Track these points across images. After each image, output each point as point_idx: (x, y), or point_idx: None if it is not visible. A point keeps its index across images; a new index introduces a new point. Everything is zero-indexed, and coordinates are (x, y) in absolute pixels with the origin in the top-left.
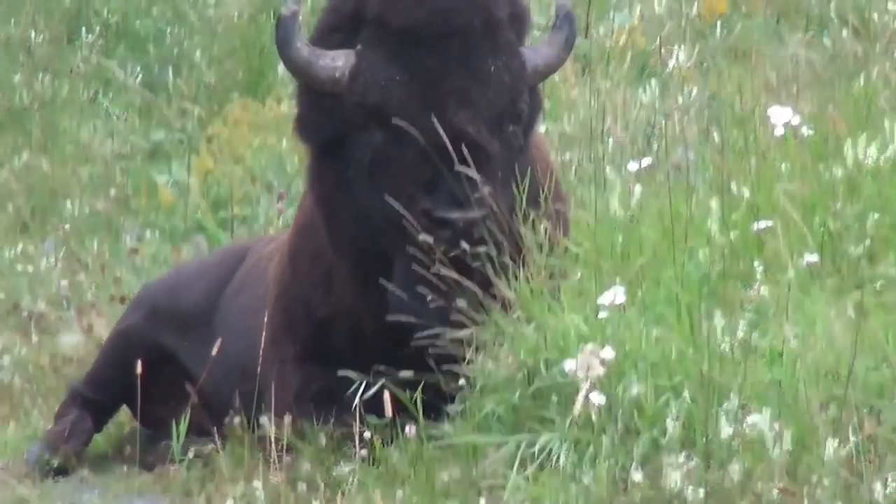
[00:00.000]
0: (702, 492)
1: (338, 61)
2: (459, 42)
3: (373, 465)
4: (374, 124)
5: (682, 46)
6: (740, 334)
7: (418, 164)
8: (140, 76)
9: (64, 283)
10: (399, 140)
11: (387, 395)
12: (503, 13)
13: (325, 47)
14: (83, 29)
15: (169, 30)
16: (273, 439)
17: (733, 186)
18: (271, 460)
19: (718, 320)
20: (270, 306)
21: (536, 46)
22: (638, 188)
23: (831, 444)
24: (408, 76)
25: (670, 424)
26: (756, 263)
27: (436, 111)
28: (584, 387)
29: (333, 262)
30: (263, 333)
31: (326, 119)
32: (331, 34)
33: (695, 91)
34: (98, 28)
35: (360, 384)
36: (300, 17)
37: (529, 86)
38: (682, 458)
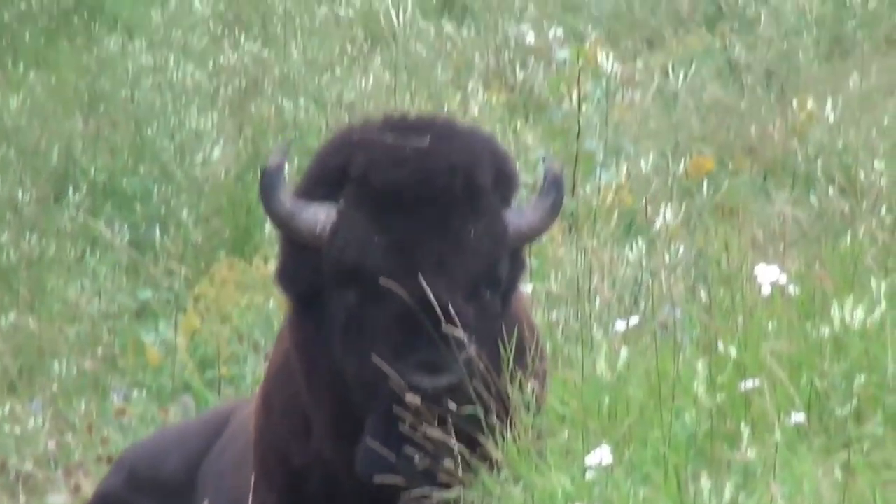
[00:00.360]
0: None
1: (319, 216)
2: (440, 206)
3: None
4: (351, 283)
5: (669, 204)
6: (727, 495)
7: (391, 328)
8: (127, 235)
9: (51, 443)
10: (374, 302)
11: None
12: (487, 178)
13: (310, 199)
14: (70, 188)
15: (156, 188)
16: None
17: (720, 345)
18: None
19: (705, 481)
20: (252, 455)
21: (522, 209)
22: (624, 350)
23: None
24: (386, 238)
25: None
26: (743, 425)
27: (411, 277)
28: None
29: (310, 411)
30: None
31: (306, 271)
32: (316, 186)
33: (682, 249)
34: (85, 187)
35: None
36: (285, 169)
37: (512, 249)
38: None
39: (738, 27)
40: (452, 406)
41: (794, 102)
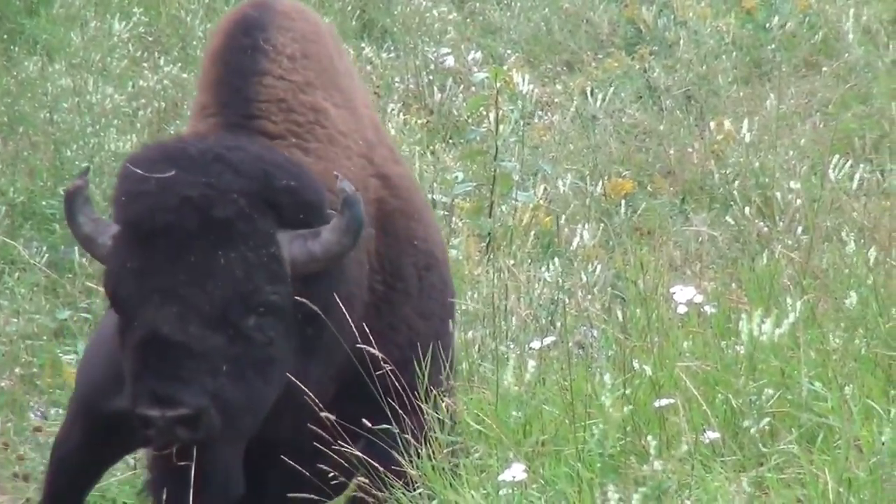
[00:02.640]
0: None
1: (108, 240)
2: (175, 239)
3: None
4: (115, 307)
5: (587, 225)
6: None
7: (130, 358)
8: (46, 256)
9: None
10: (126, 329)
11: None
12: (232, 209)
13: (110, 218)
14: None
15: None
16: None
17: (636, 364)
18: None
19: (612, 494)
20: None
21: (318, 230)
22: (532, 365)
23: None
24: (132, 268)
25: None
26: (651, 439)
27: (144, 307)
28: None
29: None
30: None
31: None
32: (111, 207)
33: (598, 269)
34: (4, 208)
35: None
36: (85, 192)
37: (306, 272)
38: None
39: (657, 50)
40: (185, 436)
41: (712, 124)
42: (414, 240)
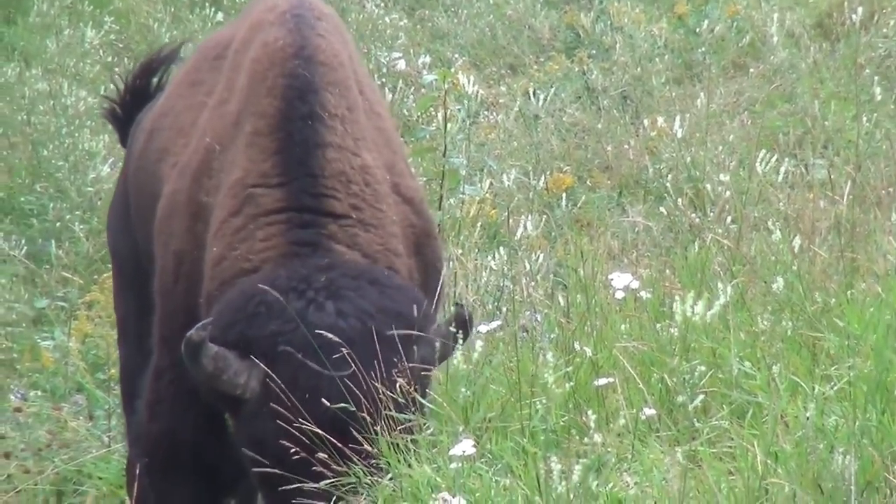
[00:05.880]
0: None
1: (240, 378)
2: None
3: None
4: None
5: (530, 217)
6: (575, 478)
7: None
8: (24, 248)
9: None
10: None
11: None
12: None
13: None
14: None
15: (51, 205)
16: None
17: (577, 345)
18: None
19: (555, 466)
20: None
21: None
22: (480, 346)
23: None
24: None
25: None
26: (591, 414)
27: None
28: None
29: None
30: None
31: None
32: (232, 346)
33: (541, 258)
34: None
35: None
36: (206, 340)
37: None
38: None
39: (594, 53)
40: None
41: (646, 122)
42: (437, 261)
